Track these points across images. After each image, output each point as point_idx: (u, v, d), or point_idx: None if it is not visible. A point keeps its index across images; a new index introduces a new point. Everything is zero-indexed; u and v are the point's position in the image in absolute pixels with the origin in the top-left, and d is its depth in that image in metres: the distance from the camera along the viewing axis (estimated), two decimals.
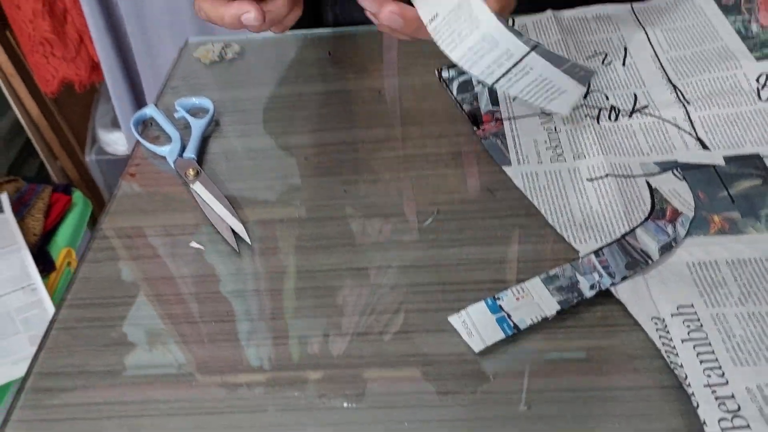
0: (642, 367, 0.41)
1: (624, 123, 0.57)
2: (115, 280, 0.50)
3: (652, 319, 0.43)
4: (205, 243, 0.52)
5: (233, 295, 0.48)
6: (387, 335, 0.45)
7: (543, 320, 0.43)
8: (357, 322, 0.46)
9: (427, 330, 0.45)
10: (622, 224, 0.49)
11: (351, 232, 0.52)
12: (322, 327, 0.46)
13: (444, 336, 0.44)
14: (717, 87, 0.59)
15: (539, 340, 0.43)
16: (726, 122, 0.56)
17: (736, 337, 0.41)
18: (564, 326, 0.44)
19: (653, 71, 0.62)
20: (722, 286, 0.44)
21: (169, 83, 0.70)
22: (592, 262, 0.46)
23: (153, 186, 0.58)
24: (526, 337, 0.44)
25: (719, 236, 0.47)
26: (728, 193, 0.50)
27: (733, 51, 0.61)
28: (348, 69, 0.69)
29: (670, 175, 0.52)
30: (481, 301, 0.45)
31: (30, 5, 1.25)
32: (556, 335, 0.44)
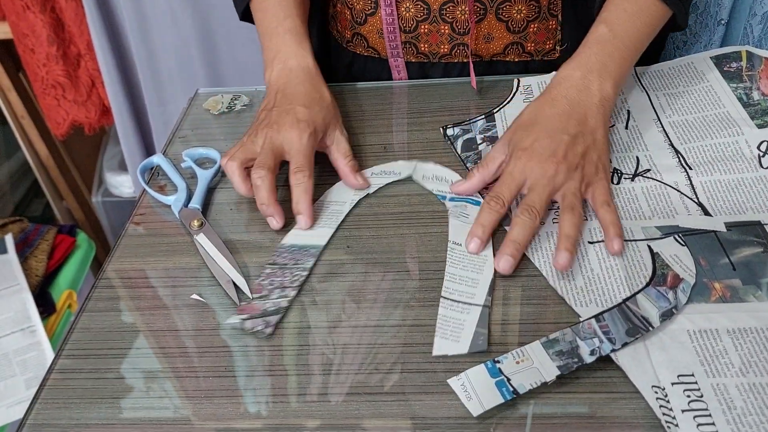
0: None
1: (626, 186, 0.58)
2: (116, 330, 0.50)
3: (653, 388, 0.42)
4: (206, 295, 0.52)
5: (232, 350, 0.48)
6: (384, 396, 0.44)
7: (542, 384, 0.43)
8: (354, 381, 0.45)
9: (425, 392, 0.44)
10: (622, 289, 0.49)
11: (352, 288, 0.52)
12: (320, 384, 0.45)
13: (442, 398, 0.44)
14: (719, 153, 0.59)
15: (537, 405, 0.43)
16: (728, 188, 0.56)
17: (737, 409, 0.41)
18: (563, 391, 0.44)
19: (656, 135, 0.63)
20: (723, 355, 0.44)
21: (178, 133, 0.72)
22: (593, 327, 0.46)
23: (157, 235, 0.59)
24: (523, 401, 0.43)
25: (720, 304, 0.47)
26: (729, 260, 0.50)
27: (735, 118, 0.62)
28: (355, 123, 0.70)
29: (672, 240, 0.52)
30: (482, 365, 0.45)
31: (44, 49, 1.27)
32: (555, 400, 0.43)
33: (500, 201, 0.53)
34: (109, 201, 1.48)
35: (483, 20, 0.68)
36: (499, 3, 0.67)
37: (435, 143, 0.66)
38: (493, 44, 0.70)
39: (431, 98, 0.71)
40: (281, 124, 0.58)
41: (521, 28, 0.69)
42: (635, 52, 0.61)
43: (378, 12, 0.70)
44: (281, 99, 0.61)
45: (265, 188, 0.55)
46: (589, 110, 0.57)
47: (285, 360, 0.47)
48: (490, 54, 0.71)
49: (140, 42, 1.22)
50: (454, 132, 0.66)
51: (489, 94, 0.71)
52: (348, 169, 0.59)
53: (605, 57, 0.58)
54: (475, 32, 0.69)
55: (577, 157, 0.54)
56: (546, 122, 0.56)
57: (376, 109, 0.71)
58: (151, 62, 1.24)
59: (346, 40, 0.76)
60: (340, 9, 0.74)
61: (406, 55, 0.73)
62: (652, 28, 0.62)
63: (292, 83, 0.62)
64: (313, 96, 0.61)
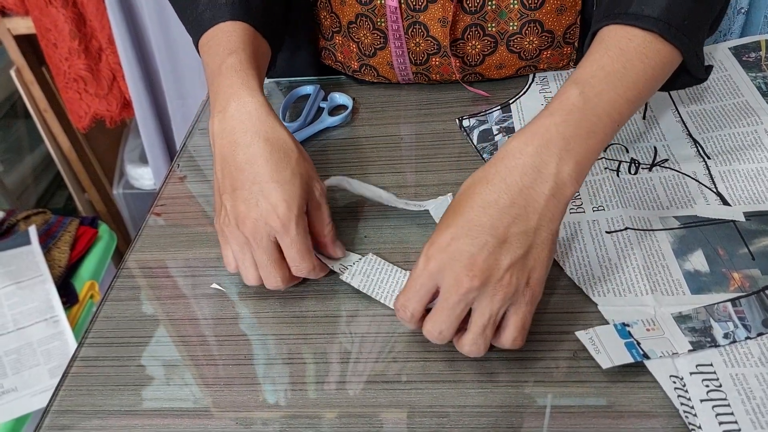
0: (659, 426, 0.41)
1: (644, 176, 0.57)
2: (137, 319, 0.51)
3: (671, 377, 0.42)
4: (225, 285, 0.53)
5: (252, 338, 0.49)
6: (402, 384, 0.45)
7: (672, 355, 0.43)
8: (372, 370, 0.46)
9: (443, 380, 0.45)
10: (641, 278, 0.49)
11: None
12: (339, 373, 0.46)
13: (459, 386, 0.44)
14: (738, 143, 0.59)
15: (556, 396, 0.43)
16: (747, 178, 0.56)
17: (756, 399, 0.41)
18: (580, 381, 0.44)
19: (673, 125, 0.62)
20: (742, 345, 0.44)
21: (198, 125, 0.72)
22: (728, 311, 0.46)
23: (177, 226, 0.60)
24: (540, 389, 0.43)
25: (738, 293, 0.47)
26: (749, 249, 0.50)
27: (754, 107, 0.62)
28: (369, 114, 0.70)
29: None
30: (610, 325, 0.46)
31: (66, 44, 1.29)
32: (573, 390, 0.43)
33: (407, 315, 0.44)
34: (129, 193, 1.50)
35: (494, 53, 0.67)
36: (510, 36, 0.65)
37: (451, 134, 0.66)
38: (505, 70, 0.69)
39: (446, 90, 0.71)
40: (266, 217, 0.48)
41: (533, 56, 0.68)
42: (613, 123, 0.45)
43: (387, 46, 0.68)
44: (236, 173, 0.49)
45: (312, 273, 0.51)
46: (533, 202, 0.43)
47: (303, 348, 0.48)
48: (501, 76, 0.70)
49: (160, 36, 1.23)
50: (470, 123, 0.66)
51: (505, 86, 0.70)
52: (328, 240, 0.52)
53: (570, 130, 0.43)
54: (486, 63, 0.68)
55: (500, 270, 0.42)
56: (472, 214, 0.43)
57: (392, 100, 0.72)
58: (170, 56, 1.25)
59: (353, 70, 0.73)
60: (342, 41, 0.70)
61: (418, 81, 0.72)
62: (651, 79, 0.47)
63: (241, 144, 0.49)
64: (276, 160, 0.48)
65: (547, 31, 0.66)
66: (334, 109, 0.72)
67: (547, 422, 0.42)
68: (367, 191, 0.58)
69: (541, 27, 0.65)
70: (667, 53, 0.47)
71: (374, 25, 0.67)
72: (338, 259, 0.53)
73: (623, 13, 0.47)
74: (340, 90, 0.73)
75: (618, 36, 0.47)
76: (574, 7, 0.64)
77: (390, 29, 0.66)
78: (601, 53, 0.47)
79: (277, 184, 0.48)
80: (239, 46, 0.54)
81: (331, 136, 0.68)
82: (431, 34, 0.65)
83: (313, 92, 0.72)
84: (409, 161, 0.64)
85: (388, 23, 0.66)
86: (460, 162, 0.62)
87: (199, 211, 0.61)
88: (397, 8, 0.64)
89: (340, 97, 0.72)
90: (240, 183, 0.48)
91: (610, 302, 0.48)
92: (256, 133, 0.49)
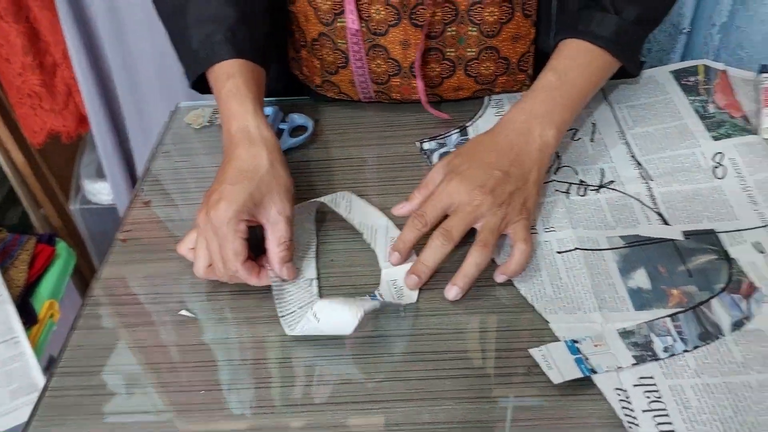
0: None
1: (592, 198, 0.61)
2: (107, 348, 0.52)
3: (616, 390, 0.46)
4: (195, 310, 0.55)
5: (223, 364, 0.51)
6: (369, 403, 0.47)
7: (617, 369, 0.47)
8: (339, 390, 0.48)
9: (403, 399, 0.47)
10: (589, 296, 0.52)
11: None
12: (308, 396, 0.48)
13: (420, 405, 0.47)
14: (678, 164, 0.63)
15: (513, 409, 0.46)
16: (685, 198, 0.60)
17: (692, 408, 0.44)
18: (535, 395, 0.47)
19: (619, 147, 0.66)
20: (680, 357, 0.47)
21: (160, 148, 0.73)
22: (667, 326, 0.50)
23: (145, 251, 0.61)
24: (498, 404, 0.46)
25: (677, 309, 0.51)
26: (686, 267, 0.54)
27: (693, 130, 0.66)
28: (332, 136, 0.72)
29: (749, 247, 0.55)
30: (562, 342, 0.49)
31: (19, 59, 1.27)
32: (524, 401, 0.46)
33: (423, 220, 0.55)
34: (87, 208, 1.48)
35: (452, 76, 0.70)
36: (468, 61, 0.69)
37: (413, 156, 0.69)
38: (462, 92, 0.72)
39: (407, 111, 0.74)
40: (210, 208, 0.53)
41: (490, 81, 0.71)
42: (581, 100, 0.62)
43: (349, 66, 0.70)
44: (219, 174, 0.56)
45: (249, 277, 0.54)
46: (527, 154, 0.58)
47: (275, 373, 0.50)
48: (459, 97, 0.73)
49: (116, 51, 1.23)
50: (430, 146, 0.69)
51: (462, 108, 0.73)
52: (277, 259, 0.54)
53: (551, 104, 0.60)
54: (445, 86, 0.71)
55: (504, 194, 0.55)
56: (483, 155, 0.58)
57: (354, 121, 0.74)
58: (128, 71, 1.25)
59: (315, 85, 0.75)
60: (307, 56, 0.73)
61: (380, 100, 0.74)
62: (601, 80, 0.64)
63: (231, 154, 0.57)
64: (243, 168, 0.55)
65: (502, 58, 0.69)
66: (294, 130, 0.74)
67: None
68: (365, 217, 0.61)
69: (497, 54, 0.68)
70: (614, 62, 0.64)
71: (335, 45, 0.69)
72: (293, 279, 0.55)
73: (584, 30, 0.63)
74: (301, 111, 0.75)
75: (580, 45, 0.63)
76: (528, 36, 0.68)
77: (351, 50, 0.68)
78: (570, 52, 0.63)
79: (230, 186, 0.54)
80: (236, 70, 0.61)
81: (293, 158, 0.70)
82: (392, 56, 0.68)
83: (272, 114, 0.73)
84: (372, 184, 0.66)
85: (349, 44, 0.68)
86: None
87: (167, 236, 0.62)
88: (358, 31, 0.67)
89: (300, 118, 0.74)
90: (216, 179, 0.56)
91: (561, 320, 0.51)
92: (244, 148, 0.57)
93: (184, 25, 0.63)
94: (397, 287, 0.55)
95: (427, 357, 0.50)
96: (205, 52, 0.61)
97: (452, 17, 0.66)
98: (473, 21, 0.66)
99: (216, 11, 0.62)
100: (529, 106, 0.60)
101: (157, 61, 1.22)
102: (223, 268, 0.53)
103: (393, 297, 0.54)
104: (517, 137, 0.59)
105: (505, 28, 0.67)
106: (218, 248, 0.53)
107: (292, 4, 0.70)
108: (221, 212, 0.52)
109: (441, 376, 0.48)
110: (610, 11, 0.62)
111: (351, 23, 0.66)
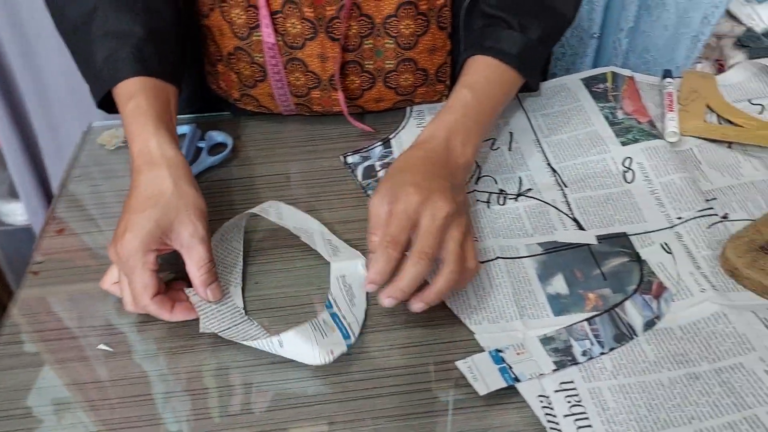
0: None
1: (511, 206, 0.63)
2: (23, 389, 0.50)
3: (538, 397, 0.47)
4: (113, 344, 0.53)
5: (143, 397, 0.49)
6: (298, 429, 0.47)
7: (539, 375, 0.48)
8: (272, 417, 0.48)
9: (335, 421, 0.47)
10: (510, 304, 0.54)
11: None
12: (240, 423, 0.47)
13: (352, 425, 0.47)
14: (590, 170, 0.66)
15: (440, 423, 0.47)
16: (598, 203, 0.62)
17: (609, 410, 0.46)
18: (462, 408, 0.48)
19: (535, 155, 0.68)
20: (597, 360, 0.50)
21: (72, 172, 0.70)
22: (585, 330, 0.51)
23: (59, 283, 0.58)
24: (427, 420, 0.47)
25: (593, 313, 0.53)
26: (600, 270, 0.56)
27: (603, 136, 0.69)
28: (253, 153, 0.71)
29: (658, 248, 0.57)
30: (486, 352, 0.50)
31: None
32: (457, 415, 0.47)
33: (396, 247, 0.49)
34: (1, 230, 1.41)
35: (372, 88, 0.70)
36: (387, 73, 0.69)
37: (338, 170, 0.69)
38: (384, 104, 0.73)
39: (330, 124, 0.74)
40: (116, 241, 0.51)
41: (409, 92, 0.72)
42: (495, 117, 0.63)
43: (267, 79, 0.69)
44: (125, 203, 0.54)
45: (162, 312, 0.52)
46: (457, 169, 0.57)
47: (199, 405, 0.49)
48: (380, 109, 0.74)
49: (23, 66, 1.18)
50: (354, 159, 0.69)
51: (384, 120, 0.74)
52: (199, 283, 0.52)
53: (469, 122, 0.59)
54: (366, 97, 0.71)
55: (458, 204, 0.53)
56: (423, 167, 0.55)
57: (276, 136, 0.73)
58: (37, 86, 1.20)
59: (234, 99, 0.74)
60: (223, 70, 0.72)
61: (301, 113, 0.74)
62: (509, 95, 0.65)
63: (134, 181, 0.54)
64: (146, 194, 0.52)
65: (420, 70, 0.70)
66: (213, 148, 0.72)
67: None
68: (298, 221, 0.59)
69: (415, 65, 0.69)
70: (519, 78, 0.65)
71: (252, 59, 0.68)
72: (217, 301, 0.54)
73: (492, 47, 0.63)
74: (220, 128, 0.74)
75: (490, 62, 0.63)
76: (444, 48, 0.69)
77: (268, 64, 0.68)
78: (480, 69, 0.63)
79: (134, 216, 0.51)
80: (137, 89, 0.58)
81: (214, 176, 0.69)
82: (311, 69, 0.68)
83: (189, 132, 0.72)
84: (298, 200, 0.65)
85: (266, 58, 0.67)
86: (352, 199, 0.65)
87: (82, 266, 0.59)
88: (274, 44, 0.66)
89: (218, 135, 0.73)
90: (123, 208, 0.53)
91: (485, 330, 0.52)
92: (147, 172, 0.54)
93: (88, 41, 0.60)
94: (347, 285, 0.55)
95: (357, 376, 0.50)
96: (108, 71, 0.59)
97: (369, 30, 0.66)
98: (389, 34, 0.67)
99: (121, 27, 0.60)
100: (450, 123, 0.58)
101: (68, 76, 1.17)
102: (132, 303, 0.51)
103: (343, 296, 0.54)
104: (444, 152, 0.57)
105: (422, 40, 0.68)
106: (127, 283, 0.51)
107: (206, 18, 0.69)
108: (126, 245, 0.50)
109: (371, 395, 0.49)
110: (516, 29, 0.63)
111: (267, 37, 0.66)
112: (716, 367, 0.49)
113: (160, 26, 0.62)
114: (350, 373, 0.50)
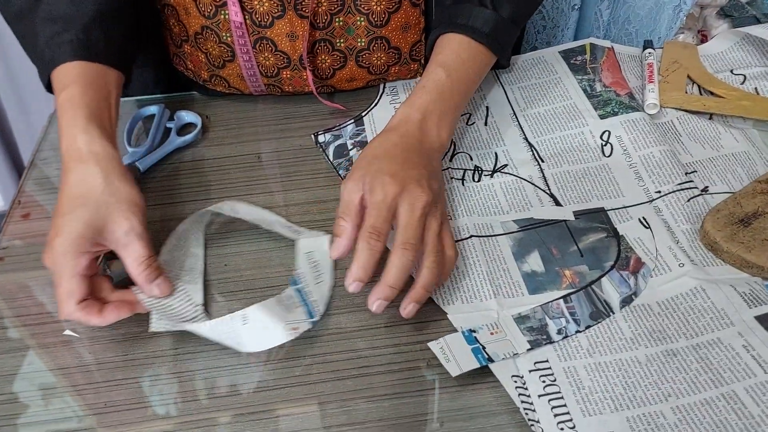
0: (504, 423, 0.45)
1: (486, 183, 0.61)
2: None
3: (512, 377, 0.46)
4: (80, 329, 0.51)
5: (111, 384, 0.48)
6: (264, 413, 0.46)
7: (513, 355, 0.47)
8: (238, 401, 0.47)
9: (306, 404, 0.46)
10: (484, 283, 0.53)
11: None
12: (204, 408, 0.46)
13: (321, 407, 0.46)
14: (567, 144, 0.64)
15: (413, 404, 0.46)
16: (575, 178, 0.61)
17: (585, 389, 0.45)
18: (435, 388, 0.47)
19: (512, 129, 0.67)
20: (573, 339, 0.49)
21: (39, 155, 0.68)
22: (560, 308, 0.50)
23: (25, 269, 0.57)
24: (399, 401, 0.46)
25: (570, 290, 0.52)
26: (578, 247, 0.55)
27: (581, 109, 0.67)
28: (224, 132, 0.69)
29: (636, 223, 0.56)
30: (459, 333, 0.48)
31: None
32: (429, 396, 0.46)
33: (380, 237, 0.48)
34: None
35: (344, 67, 0.68)
36: (358, 51, 0.67)
37: (309, 149, 0.67)
38: (356, 83, 0.71)
39: (301, 102, 0.72)
40: (48, 246, 0.48)
41: (382, 71, 0.70)
42: (467, 98, 0.61)
43: (236, 59, 0.67)
44: (55, 206, 0.50)
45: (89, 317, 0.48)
46: (432, 153, 0.56)
47: (165, 390, 0.48)
48: (353, 87, 0.72)
49: None
50: (326, 138, 0.67)
51: (357, 97, 0.72)
52: (142, 279, 0.49)
53: (444, 104, 0.58)
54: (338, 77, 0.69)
55: (435, 193, 0.52)
56: (399, 154, 0.53)
57: (247, 116, 0.71)
58: (8, 72, 1.17)
59: (203, 80, 0.72)
60: (191, 51, 0.69)
61: (272, 93, 0.72)
62: (481, 74, 0.63)
63: (63, 180, 0.51)
64: (75, 194, 0.49)
65: (393, 48, 0.68)
66: (182, 128, 0.70)
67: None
68: (255, 215, 0.58)
69: (387, 44, 0.67)
70: (492, 57, 0.63)
71: (220, 39, 0.66)
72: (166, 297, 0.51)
73: (464, 25, 0.61)
74: (190, 107, 0.72)
75: (462, 40, 0.61)
76: (418, 25, 0.67)
77: (237, 43, 0.66)
78: (453, 47, 0.61)
79: (63, 218, 0.48)
80: (74, 77, 0.55)
81: (183, 157, 0.67)
82: (280, 48, 0.66)
83: (158, 113, 0.70)
84: (270, 180, 0.64)
85: (234, 38, 0.65)
86: (324, 179, 0.64)
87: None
88: (242, 23, 0.64)
89: (188, 115, 0.71)
90: (54, 211, 0.50)
91: (458, 310, 0.51)
92: (75, 172, 0.50)
93: (33, 25, 0.57)
94: (313, 261, 0.54)
95: (328, 358, 0.49)
96: (50, 54, 0.56)
97: (339, 7, 0.64)
98: (360, 11, 0.64)
99: (68, 9, 0.56)
100: (424, 104, 0.57)
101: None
102: (60, 310, 0.48)
103: (310, 272, 0.53)
104: (420, 135, 0.56)
105: (394, 17, 0.66)
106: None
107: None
108: (56, 249, 0.47)
109: (342, 377, 0.48)
110: (488, 7, 0.61)
111: (234, 15, 0.64)
112: (694, 343, 0.48)
113: (111, 8, 0.59)
114: (320, 354, 0.49)
